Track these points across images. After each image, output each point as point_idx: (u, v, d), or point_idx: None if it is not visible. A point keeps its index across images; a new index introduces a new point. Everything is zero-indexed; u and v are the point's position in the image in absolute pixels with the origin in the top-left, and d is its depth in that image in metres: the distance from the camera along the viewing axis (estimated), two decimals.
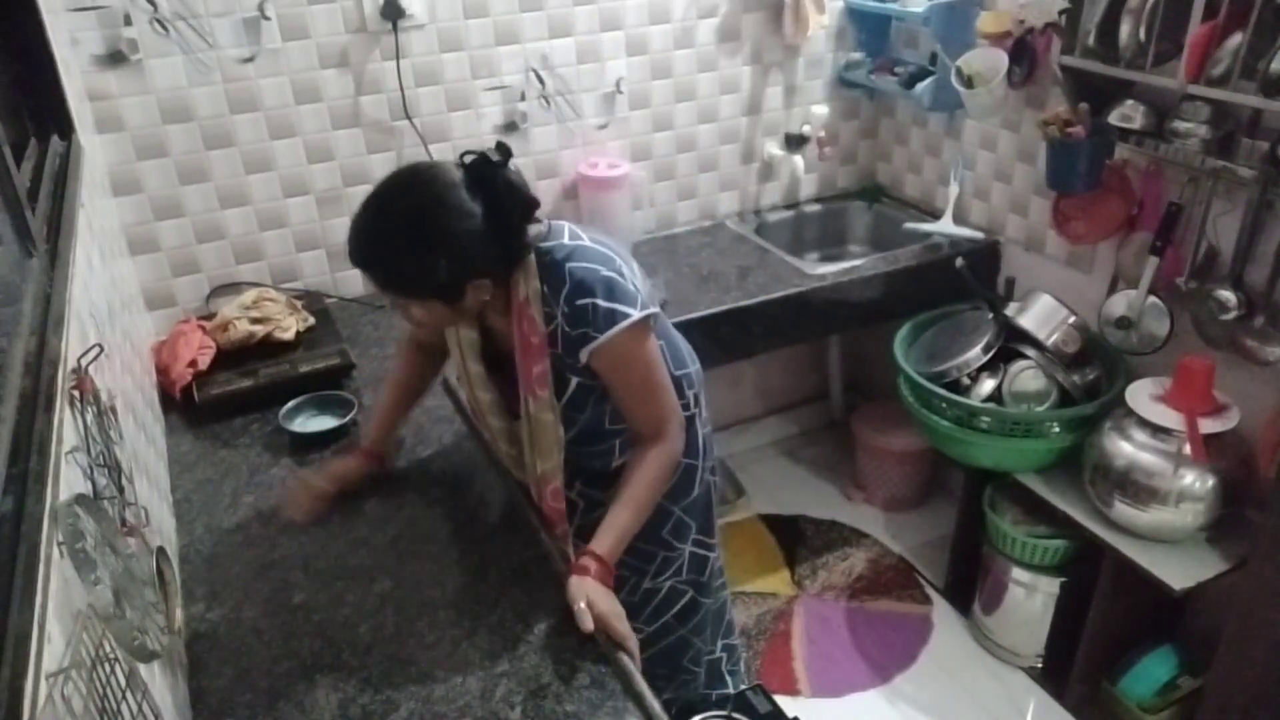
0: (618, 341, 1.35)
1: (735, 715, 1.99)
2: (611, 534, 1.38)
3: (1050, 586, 2.22)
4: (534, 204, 1.34)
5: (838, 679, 2.37)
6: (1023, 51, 2.15)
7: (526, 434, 1.47)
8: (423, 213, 1.27)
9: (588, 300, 1.34)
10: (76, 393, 0.99)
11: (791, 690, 2.33)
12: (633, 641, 1.29)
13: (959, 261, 2.34)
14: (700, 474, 1.67)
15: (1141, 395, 1.97)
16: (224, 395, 1.82)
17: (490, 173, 1.29)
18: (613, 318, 1.33)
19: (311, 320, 2.08)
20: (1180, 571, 1.88)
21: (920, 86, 2.43)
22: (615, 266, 1.37)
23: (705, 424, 1.70)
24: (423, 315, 1.35)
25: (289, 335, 1.98)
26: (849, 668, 2.40)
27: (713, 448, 1.73)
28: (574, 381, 1.42)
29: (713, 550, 1.79)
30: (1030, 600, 2.26)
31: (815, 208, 2.82)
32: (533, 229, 1.37)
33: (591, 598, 1.27)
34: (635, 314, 1.35)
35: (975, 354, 2.19)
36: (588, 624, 1.25)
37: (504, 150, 1.32)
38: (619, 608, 1.31)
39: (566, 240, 1.39)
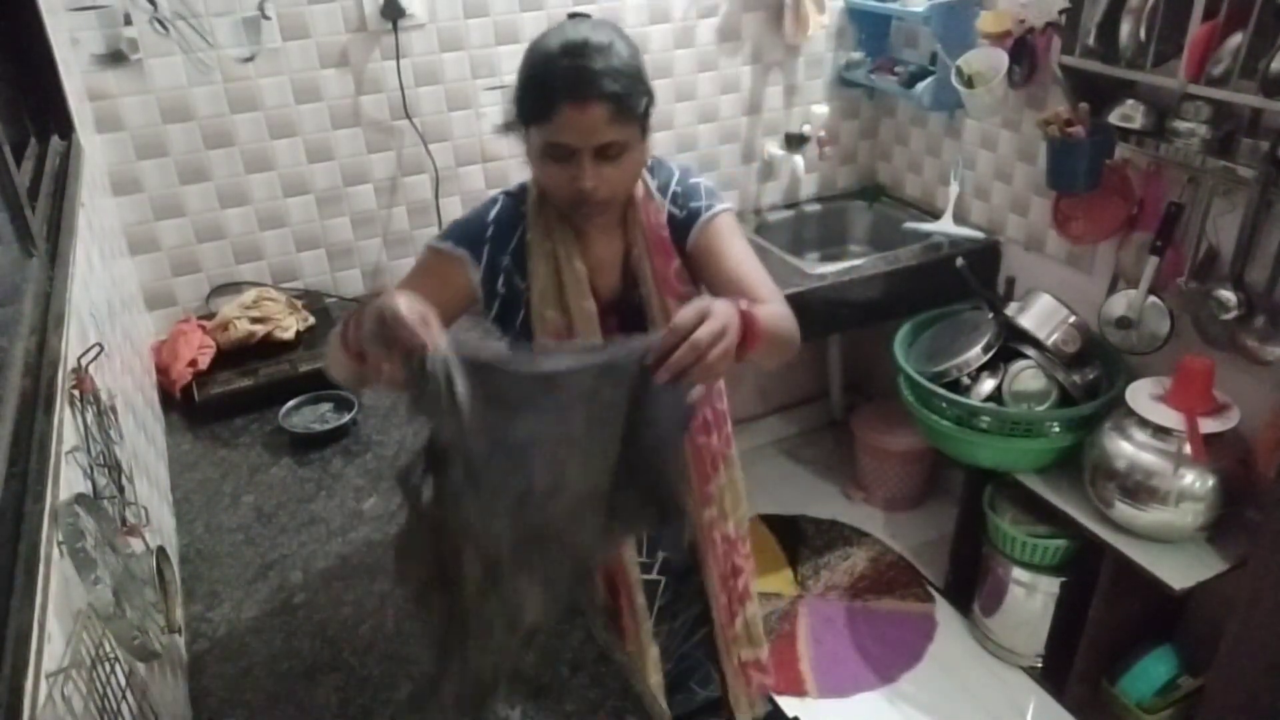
0: (725, 218, 1.39)
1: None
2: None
3: (1050, 586, 2.22)
4: None
5: (845, 679, 2.37)
6: (1023, 51, 2.15)
7: None
8: (631, 42, 1.24)
9: (697, 180, 1.40)
10: (76, 392, 0.99)
11: (799, 691, 2.33)
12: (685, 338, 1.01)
13: (959, 261, 2.34)
14: None
15: (1142, 395, 1.97)
16: (224, 395, 1.82)
17: None
18: (717, 196, 1.40)
19: (311, 320, 2.07)
20: (1180, 571, 1.88)
21: (920, 86, 2.43)
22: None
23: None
24: (620, 162, 1.24)
25: (289, 335, 1.98)
26: (856, 668, 2.40)
27: None
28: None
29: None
30: (1030, 600, 2.26)
31: (815, 207, 2.82)
32: None
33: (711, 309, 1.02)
34: (731, 205, 1.41)
35: (975, 354, 2.19)
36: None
37: None
38: (718, 326, 1.00)
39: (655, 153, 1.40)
